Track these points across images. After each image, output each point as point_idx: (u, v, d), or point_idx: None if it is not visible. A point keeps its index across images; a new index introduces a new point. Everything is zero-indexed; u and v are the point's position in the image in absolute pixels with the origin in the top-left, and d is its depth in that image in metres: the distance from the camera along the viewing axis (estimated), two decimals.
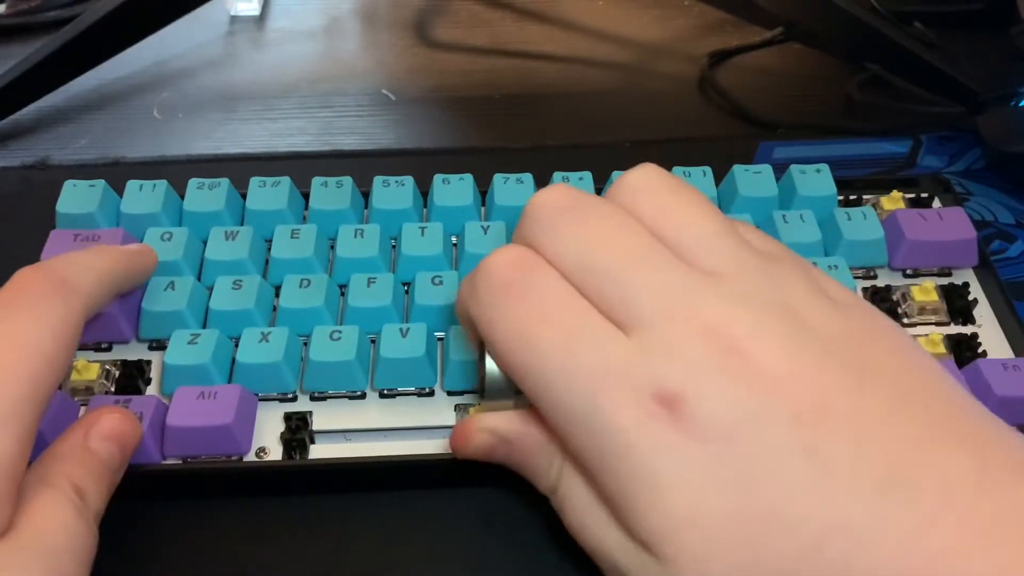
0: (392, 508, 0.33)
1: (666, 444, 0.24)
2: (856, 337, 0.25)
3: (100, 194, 0.40)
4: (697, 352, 0.24)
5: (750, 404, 0.23)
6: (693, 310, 0.25)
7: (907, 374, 0.25)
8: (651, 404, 0.24)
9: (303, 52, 0.59)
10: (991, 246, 0.44)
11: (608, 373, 0.25)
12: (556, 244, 0.27)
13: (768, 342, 0.24)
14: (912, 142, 0.50)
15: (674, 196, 0.28)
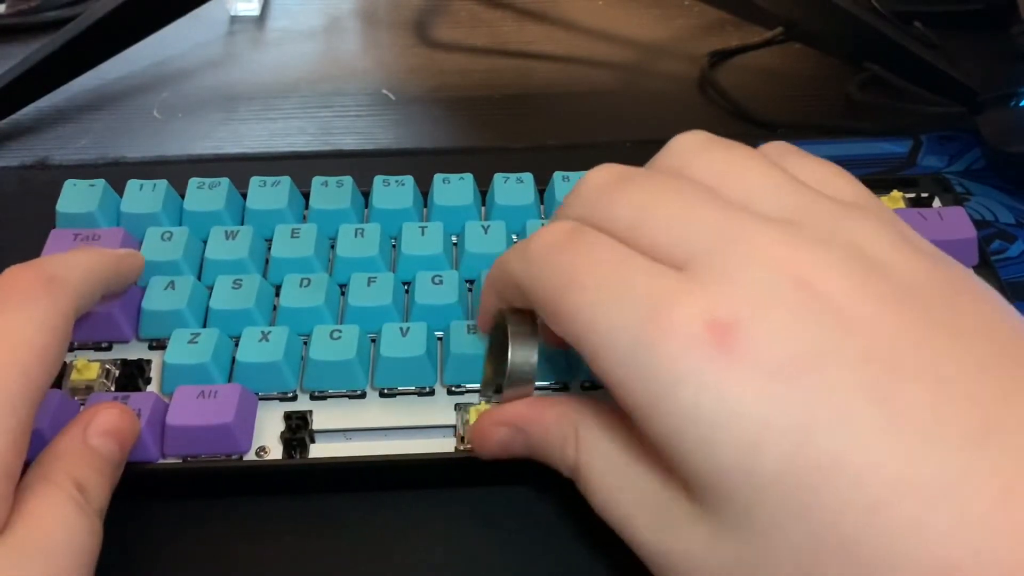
0: (392, 507, 0.33)
1: (717, 379, 0.21)
2: (943, 286, 0.23)
3: (100, 194, 0.40)
4: (758, 280, 0.22)
5: (816, 338, 0.21)
6: (755, 242, 0.23)
7: (999, 326, 0.22)
8: (704, 333, 0.22)
9: (303, 52, 0.59)
10: (991, 246, 0.44)
11: (657, 303, 0.23)
12: (607, 211, 0.25)
13: (841, 277, 0.22)
14: (912, 142, 0.50)
15: (729, 153, 0.26)
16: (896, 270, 0.23)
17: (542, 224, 0.39)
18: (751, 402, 0.21)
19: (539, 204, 0.41)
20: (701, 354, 0.22)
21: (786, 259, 0.22)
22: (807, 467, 0.20)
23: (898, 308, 0.22)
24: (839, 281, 0.22)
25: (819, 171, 0.27)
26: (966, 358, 0.21)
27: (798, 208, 0.24)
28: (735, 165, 0.26)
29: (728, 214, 0.24)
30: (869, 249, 0.23)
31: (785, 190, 0.25)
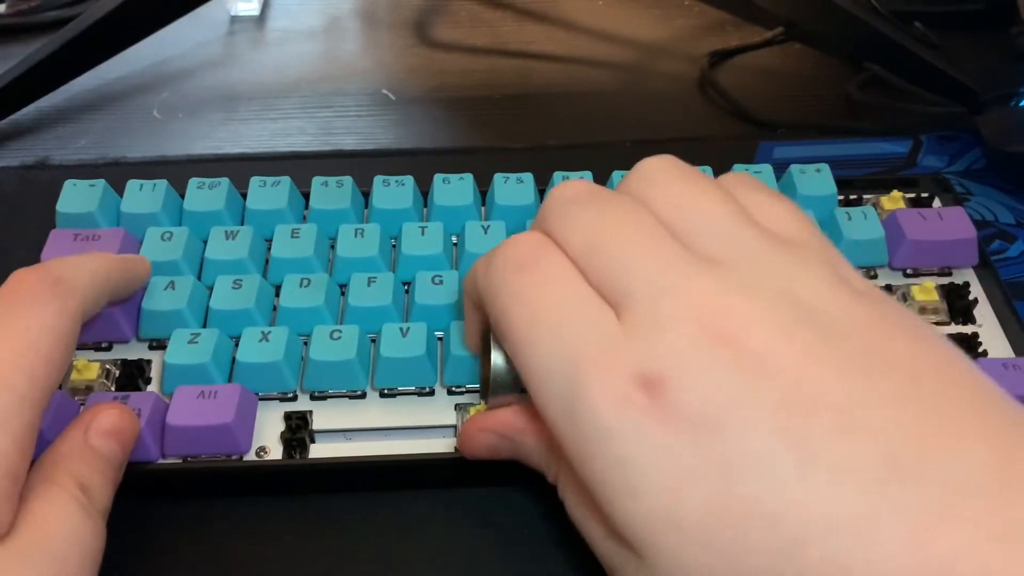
0: (392, 508, 0.33)
1: (644, 432, 0.22)
2: (871, 327, 0.23)
3: (100, 194, 0.40)
4: (682, 335, 0.23)
5: (734, 388, 0.22)
6: (685, 292, 0.24)
7: (925, 364, 0.23)
8: (631, 388, 0.23)
9: (303, 52, 0.59)
10: (991, 246, 0.44)
11: (590, 352, 0.24)
12: (566, 229, 0.26)
13: (762, 328, 0.23)
14: (912, 142, 0.50)
15: (686, 185, 0.27)
16: (824, 313, 0.23)
17: None
18: (672, 452, 0.22)
19: (539, 204, 0.41)
20: (628, 409, 0.22)
21: (713, 310, 0.23)
22: (727, 512, 0.21)
23: (818, 352, 0.22)
24: (764, 333, 0.23)
25: (771, 207, 0.27)
26: (882, 399, 0.22)
27: (739, 250, 0.25)
28: (691, 199, 0.26)
29: (668, 259, 0.25)
30: (801, 292, 0.24)
31: (732, 230, 0.26)
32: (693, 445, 0.22)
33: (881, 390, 0.22)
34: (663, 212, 0.26)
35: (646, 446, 0.22)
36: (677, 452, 0.22)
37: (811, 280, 0.24)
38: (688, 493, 0.22)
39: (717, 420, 0.22)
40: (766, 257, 0.25)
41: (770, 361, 0.22)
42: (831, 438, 0.21)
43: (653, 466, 0.22)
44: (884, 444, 0.21)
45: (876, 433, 0.21)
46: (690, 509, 0.22)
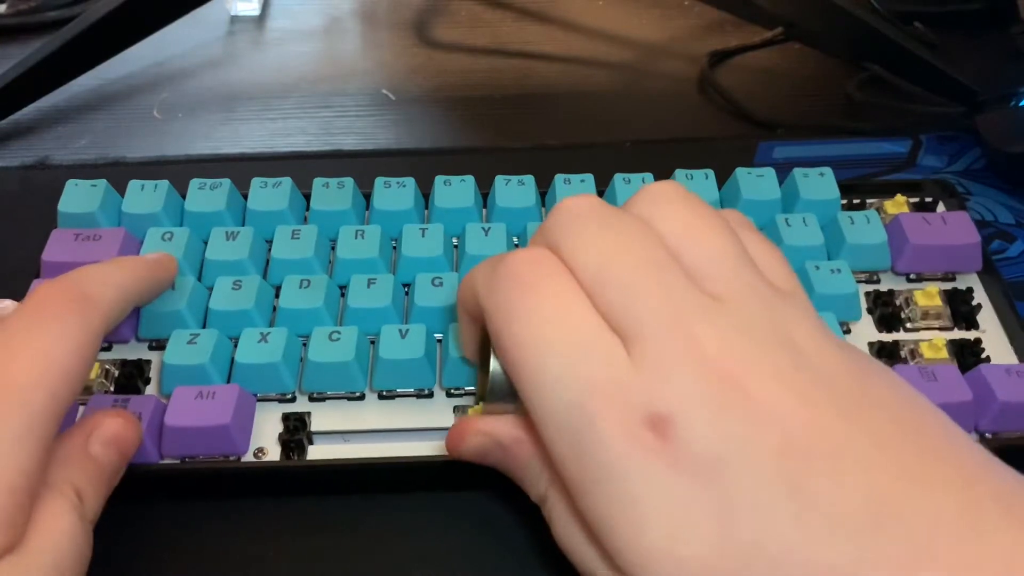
0: (390, 510, 0.33)
1: (650, 471, 0.23)
2: (854, 373, 0.25)
3: (102, 194, 0.40)
4: (690, 377, 0.24)
5: (738, 434, 0.23)
6: (692, 334, 0.24)
7: (902, 411, 0.24)
8: (639, 427, 0.23)
9: (303, 52, 0.59)
10: (991, 246, 0.44)
11: (600, 388, 0.24)
12: (575, 249, 0.27)
13: (763, 372, 0.24)
14: (912, 142, 0.50)
15: (694, 215, 0.27)
16: (816, 360, 0.25)
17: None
18: (678, 492, 0.23)
19: (540, 206, 0.41)
20: (636, 446, 0.23)
21: (718, 352, 0.24)
22: (729, 553, 0.22)
23: (813, 398, 0.23)
24: (763, 375, 0.24)
25: (764, 253, 0.28)
26: (868, 441, 0.23)
27: (742, 289, 0.26)
28: (698, 230, 0.27)
29: (676, 293, 0.25)
30: (797, 337, 0.25)
31: (735, 268, 0.26)
32: (697, 487, 0.23)
33: (869, 430, 0.23)
34: (670, 239, 0.27)
35: (652, 486, 0.23)
36: (682, 493, 0.23)
37: (804, 327, 0.26)
38: (691, 533, 0.22)
39: (720, 464, 0.23)
40: (766, 300, 0.26)
41: (771, 407, 0.23)
42: (825, 484, 0.22)
43: (658, 505, 0.23)
44: (870, 487, 0.22)
45: (864, 476, 0.22)
46: (693, 549, 0.22)
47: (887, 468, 0.22)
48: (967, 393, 0.33)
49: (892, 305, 0.38)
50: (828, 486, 0.22)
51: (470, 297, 0.29)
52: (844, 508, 0.22)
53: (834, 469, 0.22)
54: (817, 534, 0.21)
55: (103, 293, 0.30)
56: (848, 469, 0.22)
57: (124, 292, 0.31)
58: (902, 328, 0.37)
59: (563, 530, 0.27)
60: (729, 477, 0.22)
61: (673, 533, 0.23)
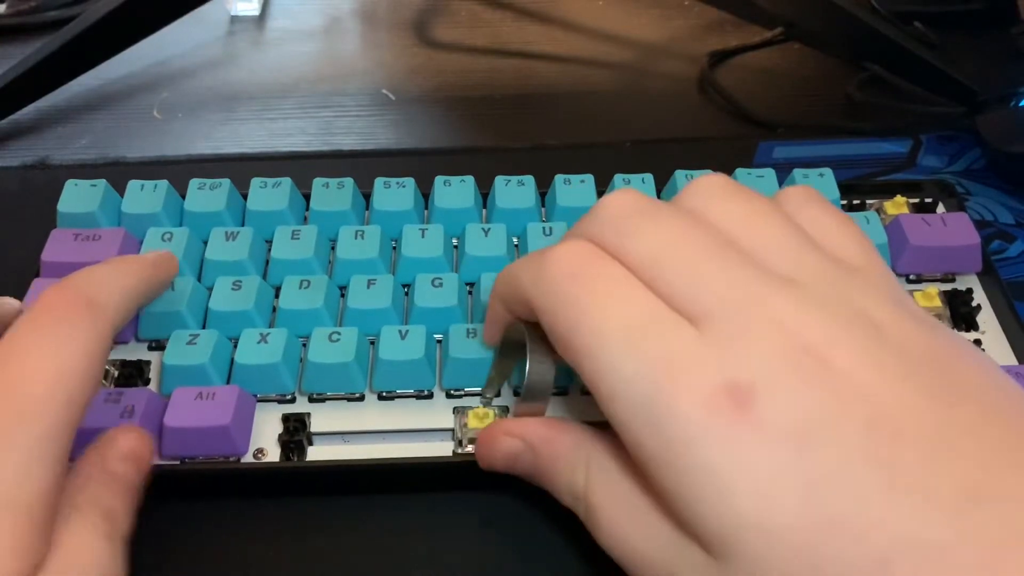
0: (390, 511, 0.33)
1: (732, 440, 0.22)
2: (940, 353, 0.24)
3: (101, 194, 0.40)
4: (771, 347, 0.23)
5: (825, 405, 0.22)
6: (768, 306, 0.24)
7: (992, 393, 0.23)
8: (719, 397, 0.23)
9: (303, 52, 0.59)
10: (991, 246, 0.44)
11: (675, 361, 0.24)
12: (626, 242, 0.26)
13: (847, 346, 0.23)
14: (912, 142, 0.50)
15: (746, 203, 0.27)
16: (897, 338, 0.24)
17: (543, 228, 0.39)
18: (763, 461, 0.22)
19: (540, 207, 0.41)
20: (717, 416, 0.23)
21: (797, 326, 0.24)
22: (816, 523, 0.22)
23: (899, 376, 0.23)
24: (846, 349, 0.23)
25: (832, 228, 0.28)
26: (959, 424, 0.22)
27: (807, 270, 0.25)
28: (752, 217, 0.27)
29: (742, 273, 0.25)
30: (875, 316, 0.24)
31: (796, 251, 0.26)
32: (784, 456, 0.22)
33: (959, 418, 0.22)
34: (725, 227, 0.26)
35: (736, 453, 0.22)
36: (767, 461, 0.22)
37: (880, 305, 0.25)
38: (778, 501, 0.22)
39: (807, 435, 0.22)
40: (837, 280, 0.25)
41: (857, 381, 0.23)
42: (916, 462, 0.22)
43: (744, 472, 0.22)
44: (965, 471, 0.21)
45: (957, 460, 0.22)
46: (780, 516, 0.22)
47: (979, 452, 0.22)
48: None
49: None
50: (919, 463, 0.21)
51: (511, 292, 0.29)
52: (936, 486, 0.21)
53: (925, 448, 0.22)
54: (906, 509, 0.21)
55: (109, 297, 0.29)
56: (940, 450, 0.22)
57: (129, 294, 0.31)
58: None
59: (614, 523, 0.27)
60: (815, 448, 0.22)
61: (760, 500, 0.22)
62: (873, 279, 0.26)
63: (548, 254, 0.27)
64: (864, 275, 0.26)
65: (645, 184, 0.41)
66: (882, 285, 0.26)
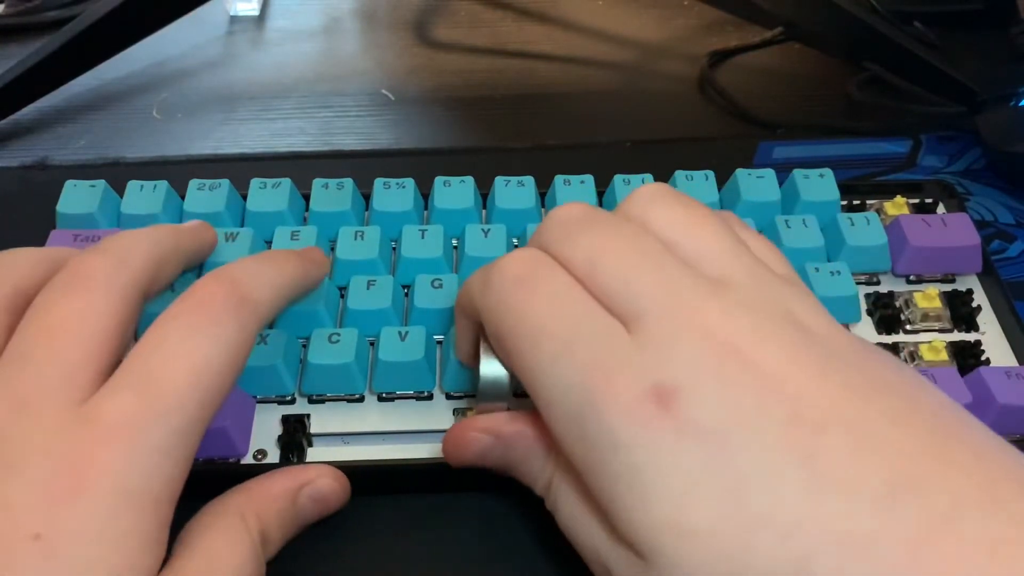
0: (390, 512, 0.33)
1: (656, 441, 0.23)
2: (863, 354, 0.25)
3: (101, 194, 0.40)
4: (695, 349, 0.24)
5: (746, 403, 0.23)
6: (695, 309, 0.24)
7: (911, 391, 0.24)
8: (644, 399, 0.23)
9: (303, 52, 0.59)
10: (991, 246, 0.44)
11: (603, 367, 0.24)
12: (569, 247, 0.27)
13: (770, 344, 0.24)
14: (912, 142, 0.50)
15: (686, 210, 0.28)
16: (822, 337, 0.25)
17: None
18: (684, 463, 0.23)
19: (540, 207, 0.41)
20: (641, 419, 0.23)
21: (724, 327, 0.24)
22: (737, 524, 0.22)
23: (822, 372, 0.23)
24: (772, 348, 0.24)
25: (760, 246, 0.29)
26: (883, 415, 0.23)
27: (741, 272, 0.26)
28: (691, 223, 0.27)
29: (675, 274, 0.26)
30: (801, 317, 0.25)
31: (731, 252, 0.27)
32: (705, 456, 0.22)
33: (882, 410, 0.23)
34: (664, 233, 0.27)
35: (659, 455, 0.23)
36: (689, 462, 0.22)
37: (809, 309, 0.26)
38: (699, 503, 0.22)
39: (729, 433, 0.22)
40: (768, 282, 0.26)
41: (779, 378, 0.23)
42: (839, 456, 0.22)
43: (665, 475, 0.23)
44: (887, 462, 0.22)
45: (880, 452, 0.22)
46: (701, 518, 0.22)
47: (903, 444, 0.22)
48: (966, 395, 0.33)
49: (892, 307, 0.38)
50: (842, 458, 0.22)
51: (468, 302, 0.30)
52: (859, 479, 0.21)
53: (848, 442, 0.22)
54: (829, 505, 0.21)
55: (261, 295, 0.29)
56: (863, 443, 0.22)
57: (282, 292, 0.31)
58: (902, 330, 0.37)
59: (569, 517, 0.27)
60: (737, 446, 0.22)
61: (680, 502, 0.22)
62: (797, 289, 0.27)
63: (498, 262, 0.28)
64: (791, 282, 0.27)
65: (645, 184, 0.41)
66: (810, 296, 0.27)
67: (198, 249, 0.35)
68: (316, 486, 0.30)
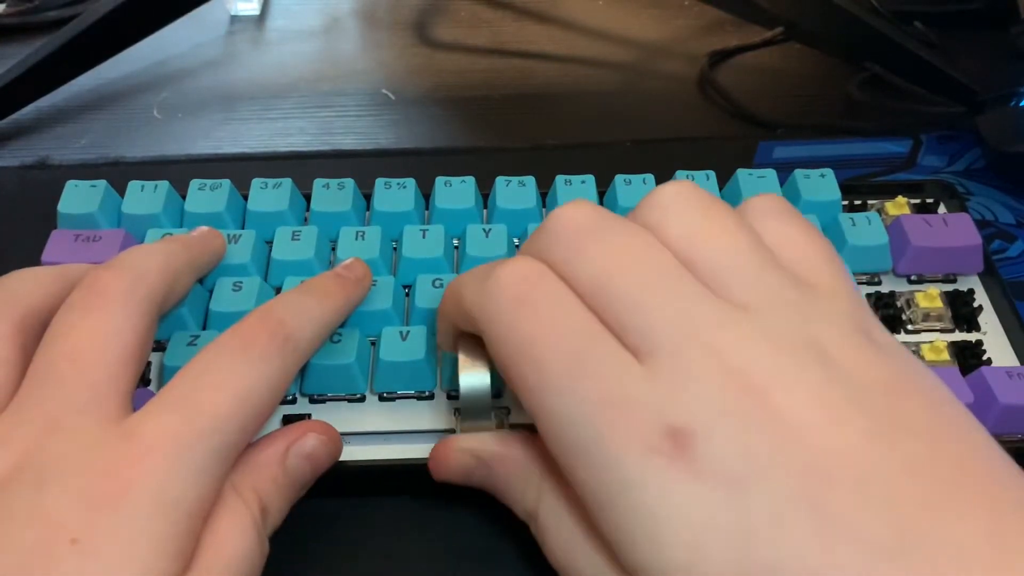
0: (390, 511, 0.33)
1: (669, 483, 0.22)
2: (890, 386, 0.23)
3: (101, 194, 0.40)
4: (712, 388, 0.23)
5: (762, 451, 0.22)
6: (713, 343, 0.23)
7: (942, 429, 0.23)
8: (658, 439, 0.22)
9: (303, 52, 0.59)
10: (991, 245, 0.44)
11: (615, 402, 0.23)
12: (574, 263, 0.25)
13: (790, 385, 0.23)
14: (912, 142, 0.50)
15: (705, 218, 0.26)
16: (847, 368, 0.23)
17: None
18: (697, 508, 0.22)
19: (541, 207, 0.41)
20: (655, 460, 0.22)
21: (740, 363, 0.23)
22: (749, 572, 0.21)
23: (844, 417, 0.22)
24: (792, 391, 0.23)
25: (799, 242, 0.27)
26: (900, 464, 0.22)
27: (763, 293, 0.25)
28: (709, 234, 0.26)
29: (691, 303, 0.24)
30: (827, 345, 0.24)
31: (755, 271, 0.25)
32: (717, 502, 0.22)
33: (900, 457, 0.22)
34: (680, 246, 0.25)
35: (671, 499, 0.22)
36: (701, 508, 0.22)
37: (836, 333, 0.24)
38: (709, 550, 0.22)
39: (743, 480, 0.22)
40: (791, 304, 0.25)
41: (797, 423, 0.22)
42: (851, 508, 0.21)
43: (677, 519, 0.22)
44: (897, 515, 0.21)
45: (893, 503, 0.21)
46: (710, 566, 0.22)
47: (913, 496, 0.21)
48: (968, 396, 0.33)
49: (893, 307, 0.38)
50: (852, 510, 0.21)
51: (453, 308, 0.29)
52: (867, 534, 0.21)
53: (859, 494, 0.21)
54: (840, 559, 0.21)
55: (303, 334, 0.30)
56: (873, 495, 0.21)
57: (325, 329, 0.32)
58: (903, 330, 0.37)
59: (558, 545, 0.27)
60: (750, 495, 0.22)
61: (691, 548, 0.22)
62: (835, 301, 0.25)
63: (494, 272, 0.26)
64: (826, 296, 0.25)
65: (646, 184, 0.41)
66: (843, 308, 0.25)
67: (209, 260, 0.35)
68: (303, 443, 0.30)
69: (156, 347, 0.36)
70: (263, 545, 0.27)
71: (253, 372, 0.27)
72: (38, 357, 0.27)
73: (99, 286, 0.28)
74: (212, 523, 0.26)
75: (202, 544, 0.25)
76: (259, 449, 0.29)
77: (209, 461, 0.25)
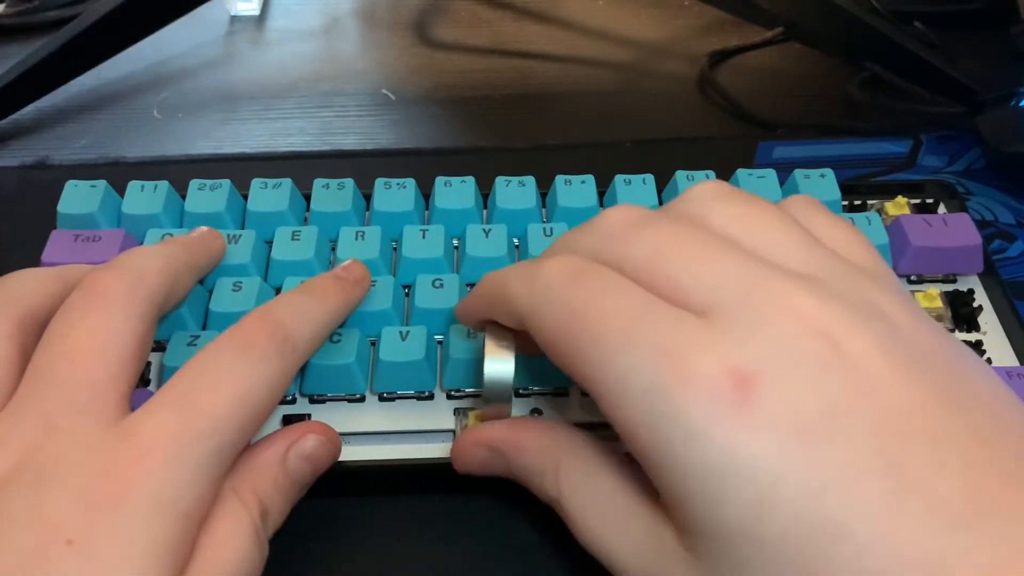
0: (390, 511, 0.33)
1: (734, 433, 0.21)
2: (950, 356, 0.23)
3: (101, 194, 0.40)
4: (782, 331, 0.22)
5: (836, 397, 0.21)
6: (779, 292, 0.22)
7: (1001, 404, 0.22)
8: (724, 383, 0.21)
9: (303, 52, 0.59)
10: (991, 245, 0.44)
11: (678, 349, 0.22)
12: (623, 249, 0.25)
13: (864, 337, 0.22)
14: (912, 142, 0.50)
15: (745, 205, 0.26)
16: (910, 335, 0.23)
17: (543, 229, 0.39)
18: (765, 459, 0.21)
19: (541, 208, 0.41)
20: (719, 405, 0.21)
21: (811, 313, 0.22)
22: (814, 530, 0.20)
23: (914, 375, 0.22)
24: (863, 340, 0.22)
25: (839, 234, 0.27)
26: (969, 432, 0.21)
27: (816, 266, 0.24)
28: (754, 218, 0.25)
29: (750, 264, 0.24)
30: (888, 310, 0.23)
31: (804, 249, 0.25)
32: (786, 454, 0.21)
33: (968, 425, 0.21)
34: (726, 231, 0.25)
35: (735, 451, 0.21)
36: (768, 460, 0.21)
37: (894, 303, 0.24)
38: (775, 508, 0.21)
39: (815, 429, 0.21)
40: (848, 275, 0.24)
41: (870, 372, 0.21)
42: (925, 469, 0.20)
43: (743, 476, 0.21)
44: (971, 481, 0.20)
45: (966, 468, 0.20)
46: (775, 524, 0.21)
47: (987, 464, 0.20)
48: None
49: None
50: (926, 470, 0.20)
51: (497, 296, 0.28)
52: (942, 497, 0.20)
53: (933, 455, 0.20)
54: (913, 522, 0.20)
55: (302, 335, 0.30)
56: (948, 458, 0.20)
57: (321, 329, 0.31)
58: None
59: (587, 520, 0.26)
60: (821, 446, 0.20)
61: (756, 506, 0.21)
62: (885, 280, 0.25)
63: (542, 262, 0.26)
64: (876, 276, 0.25)
65: (646, 184, 0.41)
66: (895, 287, 0.25)
67: (209, 261, 0.35)
68: (302, 443, 0.30)
69: (156, 347, 0.36)
70: (262, 547, 0.27)
71: (252, 372, 0.27)
72: (37, 357, 0.27)
73: (99, 287, 0.28)
74: (211, 525, 0.26)
75: (201, 546, 0.25)
76: (259, 450, 0.29)
77: (207, 461, 0.25)
